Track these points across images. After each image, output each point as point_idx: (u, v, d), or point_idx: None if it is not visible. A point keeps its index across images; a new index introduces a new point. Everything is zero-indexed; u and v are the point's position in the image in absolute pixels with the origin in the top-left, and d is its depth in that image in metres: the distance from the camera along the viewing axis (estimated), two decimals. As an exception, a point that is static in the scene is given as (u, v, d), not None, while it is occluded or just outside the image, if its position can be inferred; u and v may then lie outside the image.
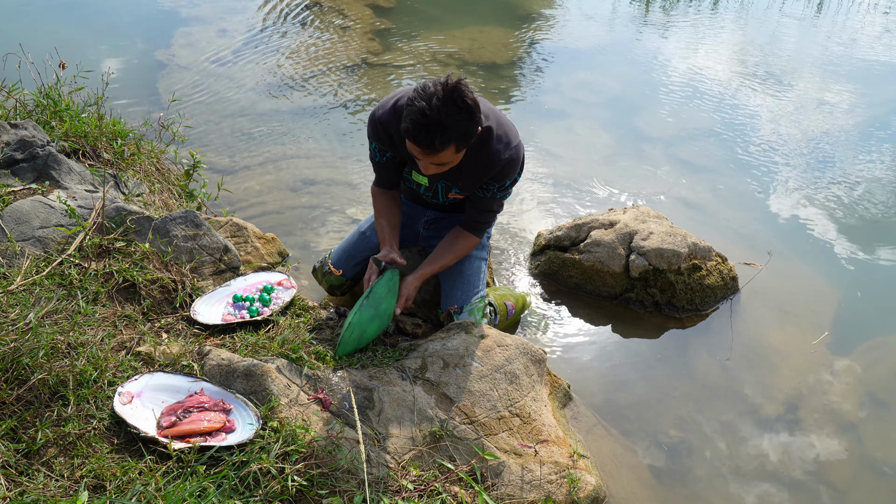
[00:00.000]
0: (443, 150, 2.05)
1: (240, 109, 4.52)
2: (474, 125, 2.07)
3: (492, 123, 2.25)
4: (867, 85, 5.58)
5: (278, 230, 3.34)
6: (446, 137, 2.02)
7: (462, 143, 2.09)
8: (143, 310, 2.27)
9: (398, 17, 6.21)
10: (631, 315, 3.08)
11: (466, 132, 2.05)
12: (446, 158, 2.11)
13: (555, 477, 1.98)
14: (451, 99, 1.99)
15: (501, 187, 2.35)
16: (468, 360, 2.22)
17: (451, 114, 1.99)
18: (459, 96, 1.99)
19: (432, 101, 1.98)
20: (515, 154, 2.29)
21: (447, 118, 1.99)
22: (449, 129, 2.01)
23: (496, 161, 2.26)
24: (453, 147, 2.07)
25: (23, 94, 3.18)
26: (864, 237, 3.72)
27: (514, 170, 2.32)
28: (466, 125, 2.04)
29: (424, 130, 2.01)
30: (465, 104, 2.00)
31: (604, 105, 5.04)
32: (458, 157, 2.16)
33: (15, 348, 1.81)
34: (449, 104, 1.99)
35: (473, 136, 2.11)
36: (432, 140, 2.02)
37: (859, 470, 2.48)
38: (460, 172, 2.33)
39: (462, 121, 2.02)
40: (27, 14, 5.55)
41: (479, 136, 2.24)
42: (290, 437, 1.82)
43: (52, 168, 2.71)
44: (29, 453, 1.70)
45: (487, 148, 2.25)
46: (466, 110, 2.02)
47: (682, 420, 2.60)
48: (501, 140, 2.25)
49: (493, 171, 2.29)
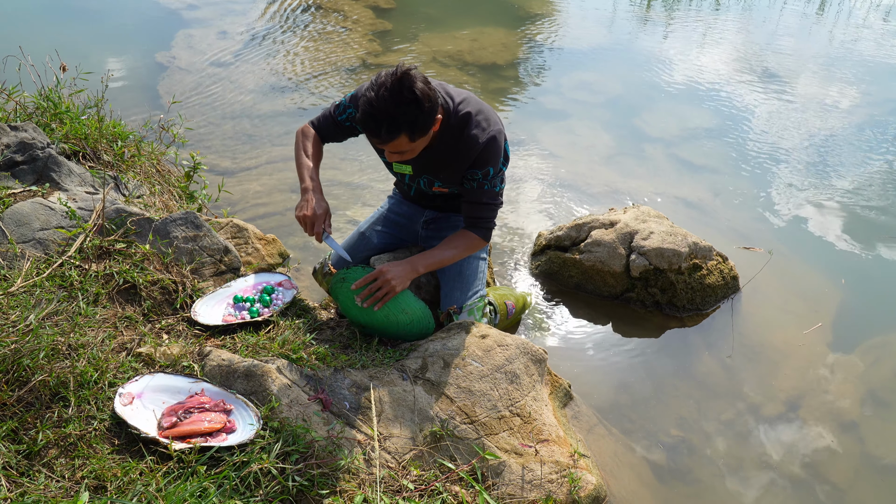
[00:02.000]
0: (391, 139, 2.06)
1: (240, 111, 4.52)
2: (424, 115, 2.05)
3: (470, 109, 2.25)
4: (868, 84, 5.58)
5: (279, 231, 3.34)
6: (393, 128, 2.03)
7: (415, 133, 2.08)
8: (143, 311, 2.27)
9: (398, 18, 6.22)
10: (632, 315, 3.08)
11: (415, 122, 2.05)
12: (401, 147, 2.12)
13: (555, 476, 1.98)
14: (399, 90, 1.99)
15: (486, 175, 2.29)
16: (469, 360, 2.22)
17: (398, 104, 2.00)
18: (407, 87, 1.99)
19: (380, 92, 2.00)
20: (494, 139, 2.25)
21: (394, 109, 2.00)
22: (396, 119, 2.02)
23: (474, 146, 2.23)
24: (404, 137, 2.07)
25: (23, 97, 3.19)
26: (865, 236, 3.72)
27: (493, 155, 2.27)
28: (415, 115, 2.03)
29: (372, 121, 2.03)
30: (412, 95, 2.00)
31: (604, 105, 5.04)
32: (417, 146, 2.15)
33: (16, 350, 1.82)
34: (396, 95, 1.99)
35: (427, 126, 2.09)
36: (379, 130, 2.04)
37: (860, 468, 2.48)
38: (441, 162, 2.33)
39: (410, 111, 2.02)
40: (27, 16, 5.56)
41: (458, 122, 2.24)
42: (290, 437, 1.83)
43: (53, 170, 2.71)
44: (30, 454, 1.70)
45: (465, 133, 2.24)
46: (413, 101, 2.01)
47: (683, 419, 2.60)
48: (479, 125, 2.24)
49: (472, 157, 2.26)
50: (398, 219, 2.75)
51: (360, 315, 2.35)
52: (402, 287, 2.29)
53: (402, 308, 2.32)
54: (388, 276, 2.27)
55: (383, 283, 2.27)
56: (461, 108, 2.25)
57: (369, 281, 2.29)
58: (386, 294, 2.28)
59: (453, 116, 2.25)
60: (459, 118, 2.24)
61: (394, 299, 2.30)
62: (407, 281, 2.30)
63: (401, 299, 2.31)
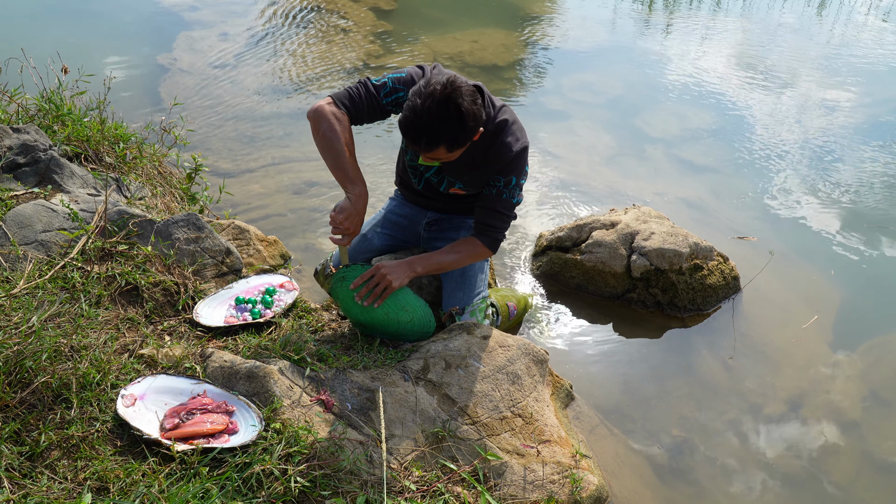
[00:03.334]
0: (430, 150, 2.07)
1: (242, 113, 4.53)
2: (465, 132, 2.05)
3: (508, 117, 2.27)
4: (868, 84, 5.58)
5: (280, 232, 3.34)
6: (433, 140, 2.03)
7: (455, 146, 2.08)
8: (145, 312, 2.27)
9: (399, 19, 6.22)
10: (633, 315, 3.08)
11: (456, 138, 2.05)
12: (439, 156, 2.12)
13: (557, 477, 1.98)
14: (445, 104, 1.98)
15: (507, 184, 2.31)
16: (470, 361, 2.22)
17: (442, 119, 1.99)
18: (454, 102, 1.99)
19: (427, 103, 1.99)
20: (525, 149, 2.28)
21: (437, 122, 2.00)
22: (438, 132, 2.02)
23: (507, 152, 2.25)
24: (442, 149, 2.07)
25: (25, 99, 3.20)
26: (866, 236, 3.72)
27: (519, 165, 2.29)
28: (456, 132, 2.03)
29: (414, 129, 2.03)
30: (457, 112, 2.00)
31: (605, 106, 5.05)
32: (452, 156, 2.15)
33: (18, 351, 1.82)
34: (441, 109, 1.99)
35: (467, 141, 2.10)
36: (419, 140, 2.04)
37: (862, 468, 2.48)
38: (470, 165, 2.33)
39: (452, 127, 2.02)
40: (29, 19, 5.57)
41: (495, 128, 2.24)
42: (292, 438, 1.83)
43: (55, 172, 2.72)
44: (32, 456, 1.71)
45: (499, 139, 2.25)
46: (458, 118, 2.01)
47: (685, 419, 2.60)
48: (514, 134, 2.26)
49: (502, 164, 2.27)
50: (400, 220, 2.75)
51: (360, 314, 2.33)
52: (398, 282, 2.26)
53: (402, 306, 2.30)
54: (383, 271, 2.26)
55: (380, 278, 2.25)
56: (499, 116, 2.26)
57: (367, 278, 2.27)
58: (384, 290, 2.25)
59: (491, 122, 2.26)
60: (496, 125, 2.25)
61: (393, 297, 2.29)
62: (404, 277, 2.27)
63: (400, 297, 2.30)
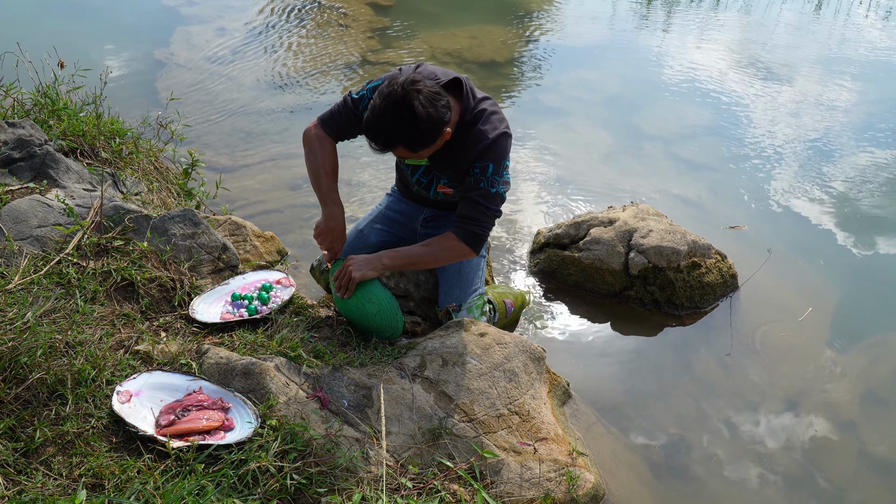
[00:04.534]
0: (387, 150, 2.11)
1: (239, 108, 4.51)
2: (420, 134, 2.05)
3: (487, 107, 2.26)
4: (866, 82, 5.58)
5: (277, 229, 3.33)
6: (391, 141, 2.06)
7: (415, 147, 2.09)
8: (141, 308, 2.26)
9: (397, 15, 6.21)
10: (630, 313, 3.08)
11: (413, 139, 2.06)
12: (402, 154, 2.16)
13: (554, 475, 1.98)
14: (399, 106, 2.00)
15: (483, 171, 2.24)
16: (467, 358, 2.21)
17: (395, 120, 2.02)
18: (408, 105, 2.00)
19: (383, 104, 2.01)
20: (502, 136, 2.24)
21: (391, 124, 2.02)
22: (394, 135, 2.04)
23: (482, 140, 2.22)
24: (402, 149, 2.10)
25: (21, 93, 3.18)
26: (864, 234, 3.72)
27: (496, 152, 2.23)
28: (412, 135, 2.04)
29: (372, 129, 2.06)
30: (410, 114, 2.00)
31: (603, 103, 5.04)
32: (421, 154, 2.17)
33: (13, 347, 1.81)
34: (395, 111, 2.00)
35: (428, 142, 2.09)
36: (377, 140, 2.07)
37: (859, 466, 2.48)
38: (450, 159, 2.32)
39: (406, 130, 2.03)
40: (25, 13, 5.55)
41: (472, 118, 2.24)
42: (288, 435, 1.82)
43: (50, 167, 2.71)
44: (27, 452, 1.70)
45: (476, 128, 2.24)
46: (412, 120, 2.01)
47: (682, 418, 2.60)
48: (491, 122, 2.24)
49: (477, 151, 2.23)
50: (397, 216, 2.74)
51: (340, 306, 2.41)
52: (359, 273, 2.31)
53: (369, 297, 2.34)
54: (349, 264, 2.33)
55: (344, 270, 2.33)
56: (478, 106, 2.25)
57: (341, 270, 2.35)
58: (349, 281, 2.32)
59: (469, 113, 2.24)
60: (474, 115, 2.24)
61: (362, 289, 2.34)
62: (367, 269, 2.32)
63: (368, 288, 2.35)
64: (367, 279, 2.33)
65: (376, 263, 2.34)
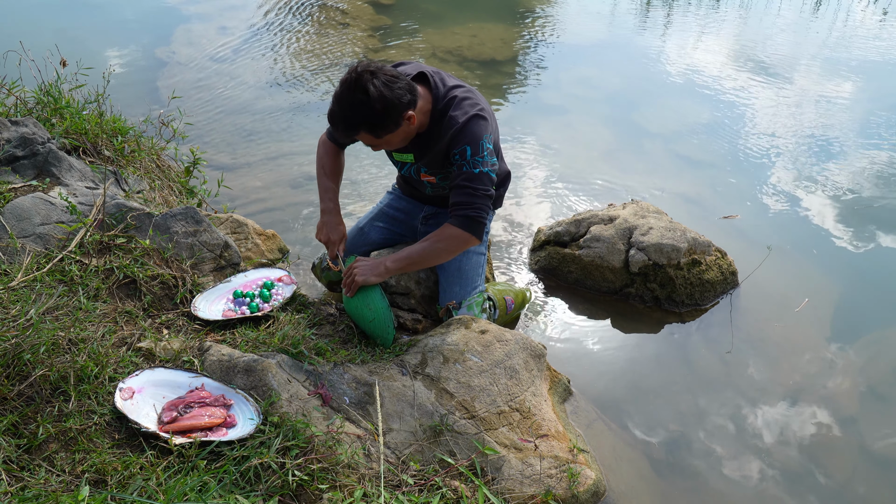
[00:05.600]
0: (352, 136, 2.19)
1: (240, 106, 4.52)
2: (378, 115, 2.10)
3: (458, 94, 2.28)
4: (866, 80, 5.58)
5: (278, 226, 3.34)
6: (350, 127, 2.14)
7: (377, 130, 2.15)
8: (143, 306, 2.27)
9: (398, 13, 6.21)
10: (631, 310, 3.09)
11: (371, 122, 2.11)
12: (368, 141, 2.21)
13: (555, 471, 1.99)
14: (353, 89, 2.07)
15: (463, 154, 2.25)
16: (468, 356, 2.22)
17: (351, 105, 2.09)
18: (361, 86, 2.06)
19: (340, 89, 2.10)
20: (473, 118, 2.24)
21: (348, 109, 2.10)
22: (350, 119, 2.11)
23: (453, 125, 2.25)
24: (364, 134, 2.16)
25: (23, 92, 3.19)
26: (864, 230, 3.72)
27: (471, 134, 2.23)
28: (368, 115, 2.09)
29: (332, 117, 2.15)
30: (364, 96, 2.06)
31: (603, 101, 5.04)
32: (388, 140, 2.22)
33: (16, 344, 1.82)
34: (349, 94, 2.08)
35: (388, 124, 2.14)
36: (338, 128, 2.15)
37: (859, 462, 2.49)
38: (427, 147, 2.35)
39: (363, 112, 2.09)
40: (28, 11, 5.55)
41: (443, 106, 2.27)
42: (290, 431, 1.83)
43: (53, 165, 2.71)
44: (30, 448, 1.71)
45: (448, 115, 2.27)
46: (366, 103, 2.07)
47: (682, 414, 2.61)
48: (462, 108, 2.26)
49: (451, 136, 2.26)
50: (397, 214, 2.75)
51: (345, 302, 2.46)
52: (362, 278, 2.34)
53: (367, 303, 2.38)
54: (356, 267, 2.37)
55: (349, 277, 2.37)
56: (450, 94, 2.28)
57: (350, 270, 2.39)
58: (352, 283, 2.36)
59: (441, 101, 2.27)
60: (445, 102, 2.27)
61: (364, 294, 2.38)
62: (371, 275, 2.35)
63: (369, 293, 2.38)
64: (368, 284, 2.36)
65: (380, 269, 2.35)
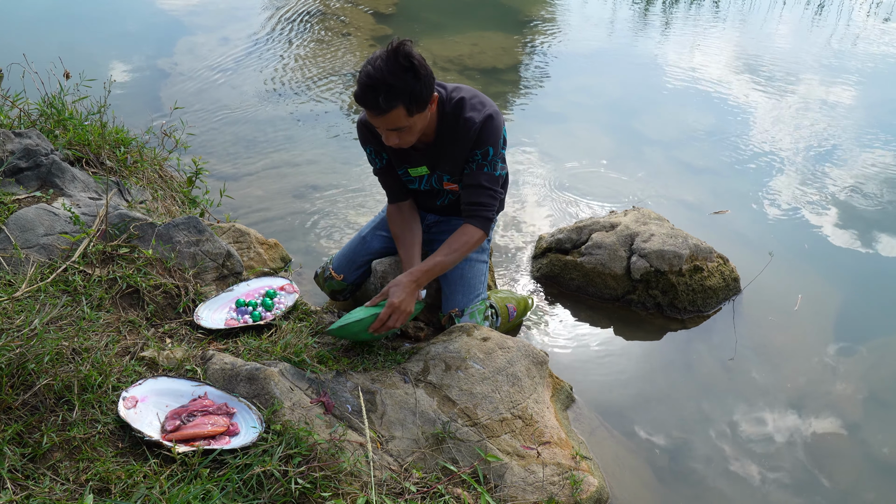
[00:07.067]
0: (389, 109, 2.06)
1: (242, 116, 4.54)
2: (421, 84, 2.06)
3: (464, 94, 2.28)
4: (868, 85, 5.59)
5: (280, 235, 3.35)
6: (391, 96, 2.04)
7: (413, 105, 2.08)
8: (146, 315, 2.28)
9: (399, 23, 6.24)
10: (633, 317, 3.09)
11: (413, 91, 2.05)
12: (399, 122, 2.11)
13: (557, 478, 1.99)
14: (395, 58, 2.02)
15: (485, 156, 2.29)
16: (470, 363, 2.23)
17: (394, 72, 2.02)
18: (404, 55, 2.02)
19: (376, 63, 2.03)
20: (490, 117, 2.26)
21: (391, 76, 2.02)
22: (393, 87, 2.03)
23: (472, 127, 2.25)
24: (402, 108, 2.07)
25: (27, 104, 3.21)
26: (867, 237, 3.72)
27: (491, 134, 2.27)
28: (412, 84, 2.04)
29: (371, 91, 2.04)
30: (409, 62, 2.02)
31: (604, 108, 5.06)
32: (414, 123, 2.14)
33: (20, 354, 1.83)
34: (392, 63, 2.01)
35: (424, 98, 2.10)
36: (377, 99, 2.04)
37: (864, 469, 2.48)
38: (444, 152, 2.34)
39: (407, 79, 2.03)
40: (31, 24, 5.59)
41: (453, 108, 2.26)
42: (293, 440, 1.84)
43: (56, 176, 2.73)
44: (35, 457, 1.71)
45: (462, 117, 2.26)
46: (410, 69, 2.03)
47: (685, 421, 2.61)
48: (475, 107, 2.26)
49: (472, 139, 2.27)
50: (399, 223, 2.75)
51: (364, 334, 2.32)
52: (410, 308, 2.27)
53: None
54: (398, 305, 2.24)
55: (398, 315, 2.25)
56: (455, 95, 2.28)
57: (384, 320, 2.24)
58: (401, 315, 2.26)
59: (448, 104, 2.27)
60: (454, 105, 2.27)
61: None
62: (412, 300, 2.29)
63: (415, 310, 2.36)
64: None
65: (416, 289, 2.31)
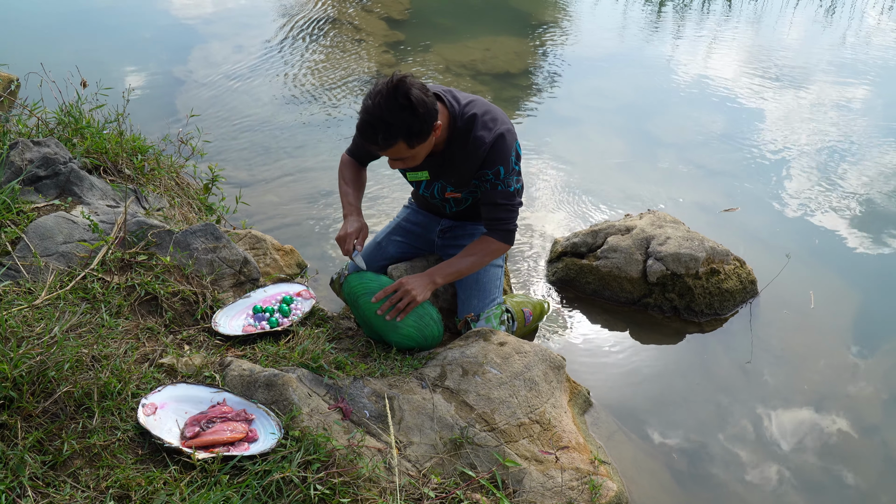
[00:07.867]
0: (389, 146, 2.10)
1: (257, 123, 4.57)
2: (419, 120, 2.07)
3: (476, 110, 2.27)
4: (882, 86, 5.54)
5: (297, 242, 3.36)
6: (390, 134, 2.07)
7: (413, 139, 2.10)
8: (165, 322, 2.30)
9: (411, 29, 6.26)
10: (649, 320, 3.07)
11: (411, 128, 2.07)
12: (400, 153, 2.15)
13: (576, 483, 1.98)
14: (393, 97, 2.03)
15: (497, 175, 2.30)
16: (487, 368, 2.22)
17: (392, 111, 2.03)
18: (402, 93, 2.03)
19: (376, 100, 2.04)
20: (501, 136, 2.26)
21: (389, 115, 2.04)
22: (392, 126, 2.05)
23: (481, 146, 2.25)
24: (402, 143, 2.10)
25: (45, 113, 3.24)
26: (885, 238, 3.68)
27: (501, 154, 2.27)
28: (410, 121, 2.06)
29: (370, 128, 2.07)
30: (406, 101, 2.03)
31: (617, 111, 5.04)
32: (417, 153, 2.18)
33: (41, 361, 1.84)
34: (390, 101, 2.03)
35: (425, 132, 2.11)
36: (376, 137, 2.08)
37: (884, 472, 2.45)
38: (451, 166, 2.34)
39: (404, 117, 2.05)
40: (48, 33, 5.65)
41: (465, 124, 2.26)
42: (311, 446, 1.84)
43: (75, 184, 2.76)
44: (55, 465, 1.73)
45: (472, 135, 2.26)
46: (408, 108, 2.04)
47: (703, 424, 2.59)
48: (486, 125, 2.26)
49: (481, 158, 2.27)
50: (414, 228, 2.76)
51: (384, 328, 2.35)
52: (422, 297, 2.32)
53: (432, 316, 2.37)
54: (408, 286, 2.32)
55: (404, 293, 2.31)
56: (467, 111, 2.27)
57: (389, 293, 2.32)
58: (408, 304, 2.30)
59: (460, 119, 2.27)
60: (466, 120, 2.26)
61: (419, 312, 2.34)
62: (427, 291, 2.34)
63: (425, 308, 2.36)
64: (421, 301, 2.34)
65: (431, 284, 2.36)
